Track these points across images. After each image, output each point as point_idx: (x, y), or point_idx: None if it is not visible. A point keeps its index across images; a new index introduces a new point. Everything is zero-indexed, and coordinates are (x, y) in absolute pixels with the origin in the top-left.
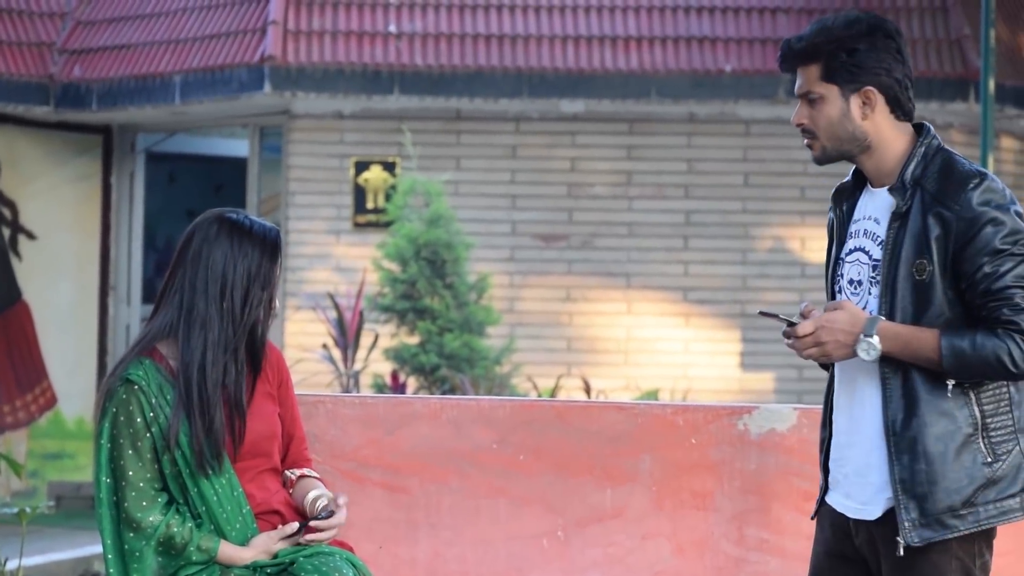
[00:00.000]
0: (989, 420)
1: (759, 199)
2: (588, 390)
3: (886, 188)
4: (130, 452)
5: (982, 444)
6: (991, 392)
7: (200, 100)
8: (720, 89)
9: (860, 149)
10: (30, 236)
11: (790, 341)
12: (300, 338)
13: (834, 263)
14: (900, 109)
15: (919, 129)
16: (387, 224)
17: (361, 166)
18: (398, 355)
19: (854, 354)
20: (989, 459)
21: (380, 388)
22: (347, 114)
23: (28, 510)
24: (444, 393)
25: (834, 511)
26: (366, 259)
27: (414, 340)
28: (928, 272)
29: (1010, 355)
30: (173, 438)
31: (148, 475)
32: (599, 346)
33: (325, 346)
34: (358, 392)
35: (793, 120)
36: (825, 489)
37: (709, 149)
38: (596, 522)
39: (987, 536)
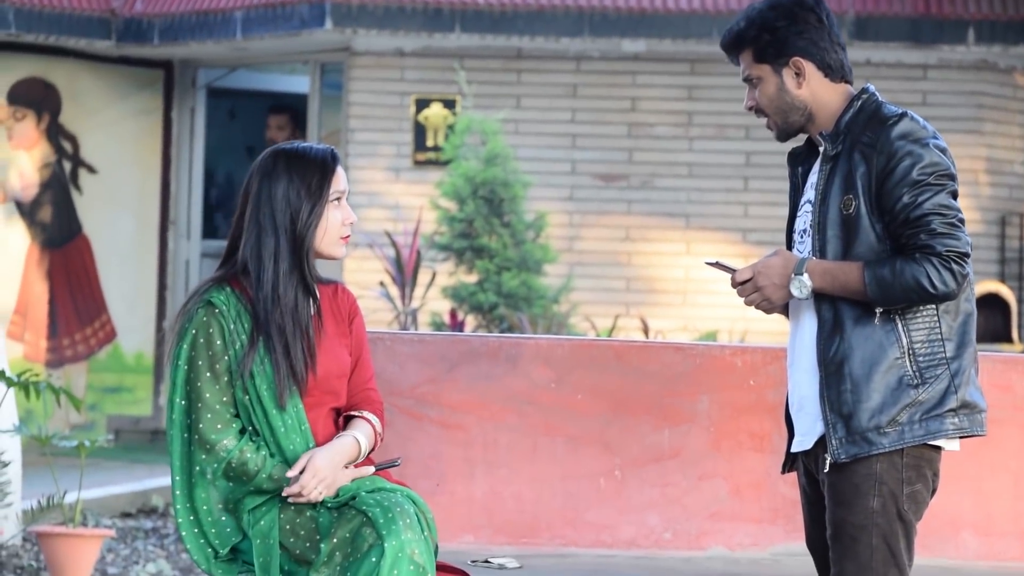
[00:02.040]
0: (918, 346)
1: None
2: (646, 330)
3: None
4: (208, 374)
5: (909, 367)
6: (920, 321)
7: (261, 36)
8: None
9: (805, 118)
10: (91, 170)
11: (737, 290)
12: (358, 275)
13: (790, 220)
14: (832, 71)
15: (862, 92)
16: (447, 162)
17: (422, 103)
18: (456, 293)
19: (791, 295)
20: (916, 381)
21: (438, 326)
22: (408, 51)
23: (87, 443)
24: (502, 331)
25: (802, 460)
26: (425, 197)
27: (472, 279)
28: (854, 206)
29: (928, 278)
30: (247, 367)
31: (224, 398)
32: (658, 286)
33: (383, 284)
34: (416, 330)
35: (744, 105)
36: (790, 443)
37: None
38: (653, 462)
39: (917, 467)
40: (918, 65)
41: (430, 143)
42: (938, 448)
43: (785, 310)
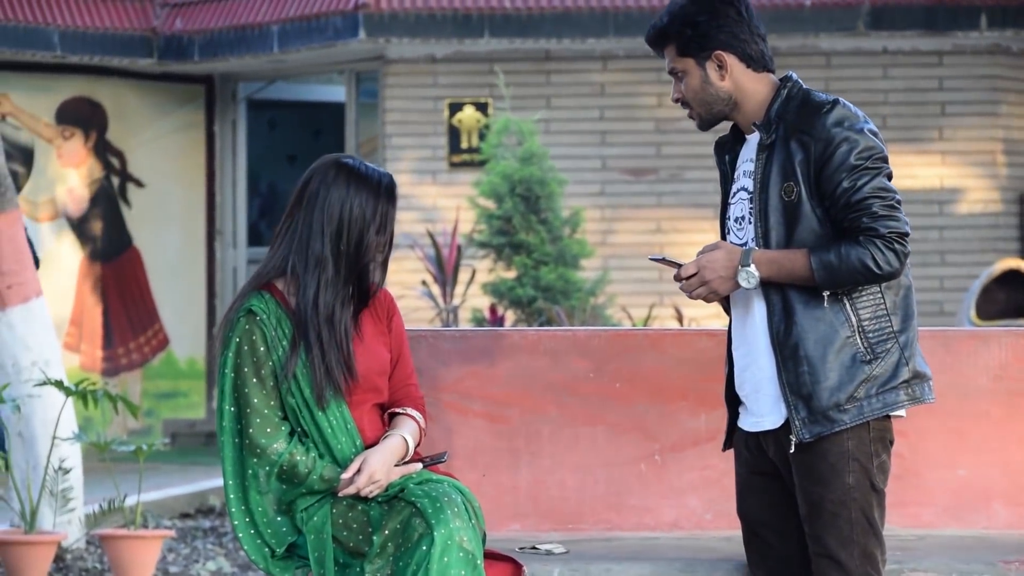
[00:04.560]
0: (866, 323)
1: None
2: (680, 318)
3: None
4: (254, 380)
5: (860, 344)
6: (865, 298)
7: (297, 48)
8: (801, 22)
9: (729, 107)
10: (138, 184)
11: (681, 284)
12: (399, 275)
13: (723, 208)
14: (753, 62)
15: (786, 80)
16: (481, 163)
17: (455, 107)
18: (495, 289)
19: (738, 286)
20: (868, 357)
21: (479, 322)
22: (440, 58)
23: (145, 448)
24: (541, 325)
25: (747, 433)
26: (460, 197)
27: (511, 274)
28: (796, 193)
29: (873, 259)
30: (290, 370)
31: (272, 403)
32: None
33: (424, 283)
34: (458, 326)
35: (671, 97)
36: (732, 420)
37: None
38: (692, 446)
39: (882, 439)
40: (933, 52)
41: (464, 145)
42: (889, 416)
43: (724, 299)
